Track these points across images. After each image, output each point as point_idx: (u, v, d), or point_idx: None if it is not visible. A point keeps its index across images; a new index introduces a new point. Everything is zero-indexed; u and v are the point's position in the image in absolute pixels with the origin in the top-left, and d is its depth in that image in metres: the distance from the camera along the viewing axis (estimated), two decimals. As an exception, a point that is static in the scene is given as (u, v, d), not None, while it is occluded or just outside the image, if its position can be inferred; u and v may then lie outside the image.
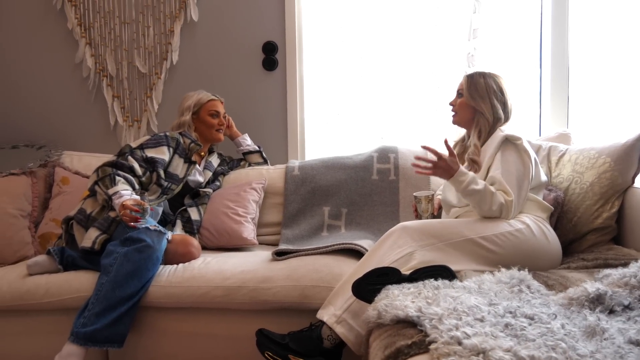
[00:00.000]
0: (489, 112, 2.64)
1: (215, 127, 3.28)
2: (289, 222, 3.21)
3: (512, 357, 1.42)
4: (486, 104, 2.65)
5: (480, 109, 2.66)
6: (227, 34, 3.63)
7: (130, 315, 2.55)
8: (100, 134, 3.74)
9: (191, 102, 3.27)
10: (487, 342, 1.50)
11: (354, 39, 3.64)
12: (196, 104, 3.27)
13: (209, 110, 3.27)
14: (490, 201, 2.43)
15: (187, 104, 3.27)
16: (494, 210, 2.44)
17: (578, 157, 2.86)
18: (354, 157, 3.35)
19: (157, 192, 3.01)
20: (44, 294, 2.66)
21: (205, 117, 3.27)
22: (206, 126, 3.27)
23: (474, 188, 2.44)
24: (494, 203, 2.43)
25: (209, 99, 3.30)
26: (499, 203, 2.43)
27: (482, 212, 2.46)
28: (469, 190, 2.45)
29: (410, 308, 1.79)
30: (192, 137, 3.20)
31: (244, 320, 2.62)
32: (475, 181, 2.45)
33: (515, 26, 3.51)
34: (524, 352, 1.44)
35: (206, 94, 3.31)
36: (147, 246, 2.59)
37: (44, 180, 3.37)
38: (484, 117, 2.65)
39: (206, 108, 3.27)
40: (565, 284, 2.11)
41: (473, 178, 2.46)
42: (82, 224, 2.86)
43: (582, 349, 1.48)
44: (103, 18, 3.66)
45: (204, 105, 3.28)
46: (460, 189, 2.47)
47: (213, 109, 3.28)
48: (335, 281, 2.51)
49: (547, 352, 1.45)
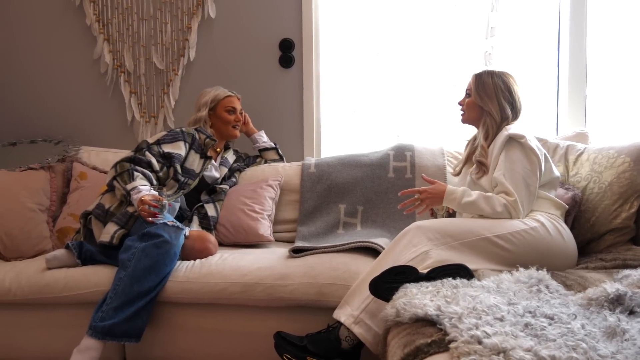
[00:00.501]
0: (496, 111, 2.63)
1: (231, 123, 3.29)
2: (305, 220, 3.21)
3: (532, 357, 1.42)
4: (493, 104, 2.64)
5: (488, 108, 2.65)
6: (244, 31, 3.64)
7: (148, 310, 2.56)
8: (117, 129, 3.75)
9: (208, 98, 3.28)
10: (507, 341, 1.50)
11: (370, 36, 3.64)
12: (213, 100, 3.28)
13: (226, 107, 3.28)
14: (491, 205, 2.44)
15: (204, 100, 3.28)
16: (499, 211, 2.44)
17: (597, 156, 2.84)
18: (370, 154, 3.34)
19: (174, 187, 3.02)
20: (62, 287, 2.68)
21: (222, 113, 3.28)
22: (222, 122, 3.28)
23: (467, 200, 2.46)
24: (496, 205, 2.43)
25: (226, 95, 3.31)
26: (502, 204, 2.43)
27: (490, 217, 2.46)
28: (464, 204, 2.48)
29: (429, 307, 1.78)
30: (207, 133, 3.21)
31: (261, 317, 2.62)
32: (467, 193, 2.48)
33: (533, 24, 3.49)
34: (545, 352, 1.43)
35: (223, 90, 3.32)
36: (165, 241, 2.59)
37: (62, 175, 3.39)
38: (491, 117, 2.64)
39: (223, 104, 3.28)
40: (584, 284, 2.10)
41: (463, 192, 2.49)
42: (100, 218, 2.88)
43: (603, 350, 1.47)
44: (121, 14, 3.67)
45: (221, 101, 3.29)
46: (455, 206, 2.51)
47: (230, 105, 3.29)
48: (352, 279, 2.50)
49: (568, 352, 1.45)
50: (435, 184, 2.57)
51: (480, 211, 2.47)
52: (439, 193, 2.53)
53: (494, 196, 2.47)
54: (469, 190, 2.52)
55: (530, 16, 3.48)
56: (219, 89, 3.33)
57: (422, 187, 2.60)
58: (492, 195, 2.47)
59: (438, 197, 2.53)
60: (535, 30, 3.50)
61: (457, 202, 2.50)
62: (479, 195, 2.48)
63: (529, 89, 2.66)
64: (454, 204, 2.53)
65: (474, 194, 2.49)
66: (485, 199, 2.47)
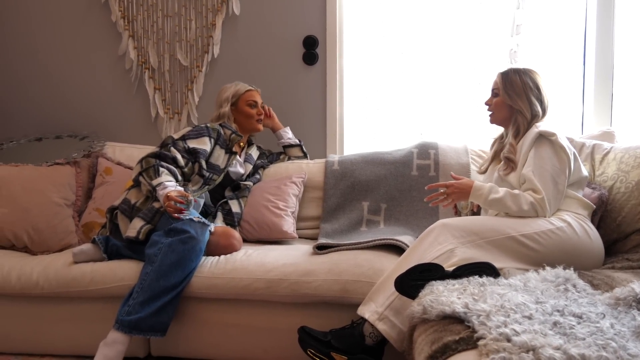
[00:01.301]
0: (527, 109, 2.61)
1: (254, 117, 3.29)
2: (328, 217, 3.21)
3: (562, 355, 1.42)
4: (523, 102, 2.62)
5: (518, 107, 2.63)
6: (268, 28, 3.65)
7: (174, 305, 2.58)
8: (142, 125, 3.77)
9: (229, 94, 3.28)
10: (536, 339, 1.50)
11: (394, 33, 3.62)
12: (234, 95, 3.28)
13: (247, 101, 3.29)
14: (518, 203, 2.43)
15: (225, 96, 3.28)
16: (526, 210, 2.43)
17: (624, 155, 2.82)
18: (394, 152, 3.34)
19: (199, 182, 3.03)
20: (89, 281, 2.71)
21: (244, 107, 3.28)
22: (245, 117, 3.28)
23: (494, 197, 2.46)
24: (523, 203, 2.42)
25: (247, 90, 3.31)
26: (529, 202, 2.42)
27: (516, 215, 2.45)
28: (490, 201, 2.47)
29: (456, 304, 1.78)
30: (232, 128, 3.21)
31: (285, 313, 2.63)
32: (495, 190, 2.47)
33: (559, 22, 3.46)
34: (574, 351, 1.43)
35: (243, 85, 3.32)
36: (190, 237, 2.60)
37: (87, 170, 3.42)
38: (522, 115, 2.62)
39: (244, 99, 3.29)
40: (611, 284, 2.08)
41: (491, 188, 2.48)
42: (126, 214, 2.90)
43: (633, 349, 1.46)
44: (146, 11, 3.69)
45: (242, 96, 3.29)
46: (482, 202, 2.51)
47: (251, 99, 3.29)
48: (376, 276, 2.50)
49: (598, 351, 1.44)
50: (462, 180, 2.57)
51: (507, 209, 2.46)
52: (466, 188, 2.53)
53: (522, 194, 2.45)
54: (496, 187, 2.51)
55: (556, 13, 3.45)
56: (239, 84, 3.33)
57: (449, 181, 2.59)
58: (520, 193, 2.46)
59: (465, 192, 2.53)
60: (561, 27, 3.46)
61: (484, 199, 2.50)
62: (506, 193, 2.47)
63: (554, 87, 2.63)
64: (480, 200, 2.52)
65: (501, 191, 2.48)
66: (513, 196, 2.46)
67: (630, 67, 3.40)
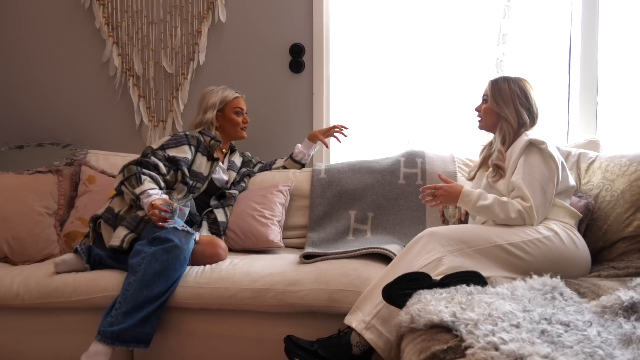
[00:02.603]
0: (513, 117, 2.63)
1: (240, 125, 3.26)
2: (315, 226, 3.20)
3: (549, 364, 1.41)
4: (510, 110, 2.64)
5: (504, 114, 2.65)
6: (255, 35, 3.64)
7: (157, 315, 2.54)
8: (126, 133, 3.75)
9: (216, 100, 3.22)
10: (524, 348, 1.49)
11: (381, 42, 3.63)
12: (222, 102, 3.24)
13: (235, 108, 3.25)
14: (506, 211, 2.43)
15: (212, 102, 3.22)
16: (513, 218, 2.43)
17: (609, 164, 2.84)
18: (381, 161, 3.34)
19: (184, 190, 3.01)
20: (71, 292, 2.67)
21: (231, 115, 3.24)
22: (231, 124, 3.25)
23: (482, 204, 2.46)
24: (511, 211, 2.43)
25: (235, 97, 3.27)
26: (516, 210, 2.43)
27: (502, 223, 2.46)
28: (478, 207, 2.48)
29: (444, 313, 1.77)
30: (211, 134, 3.17)
31: (272, 323, 2.61)
32: (484, 197, 2.48)
33: (544, 32, 3.49)
34: (562, 359, 1.43)
35: (230, 91, 3.28)
36: (175, 246, 2.58)
37: (69, 179, 3.39)
38: (507, 123, 2.64)
39: (231, 106, 3.25)
40: (598, 292, 2.10)
41: (479, 195, 2.49)
42: (110, 222, 2.86)
43: (619, 357, 1.47)
44: (131, 17, 3.68)
45: (230, 102, 3.25)
46: (470, 208, 2.51)
47: (238, 107, 3.26)
48: (363, 285, 2.49)
49: (585, 358, 1.45)
50: (452, 183, 2.58)
51: (494, 216, 2.47)
52: (455, 193, 2.54)
53: (510, 202, 2.46)
54: (485, 194, 2.51)
55: (541, 23, 3.48)
56: (226, 89, 3.28)
57: (440, 184, 2.59)
58: (508, 201, 2.46)
59: (453, 196, 2.54)
60: (546, 37, 3.49)
61: (472, 205, 2.50)
62: (494, 200, 2.47)
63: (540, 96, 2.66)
64: (468, 206, 2.52)
65: (489, 198, 2.48)
66: (501, 204, 2.46)
67: (614, 76, 3.42)
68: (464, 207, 2.56)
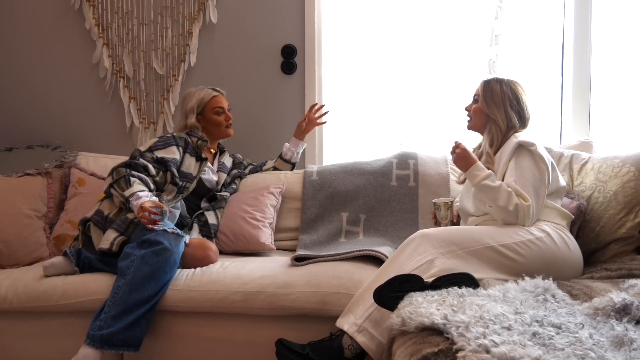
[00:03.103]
0: (502, 120, 2.63)
1: (223, 124, 3.22)
2: (307, 228, 3.18)
3: (541, 366, 1.40)
4: (500, 112, 2.63)
5: (494, 116, 2.64)
6: (246, 36, 3.62)
7: (147, 318, 2.53)
8: (116, 135, 3.73)
9: (194, 104, 3.18)
10: (515, 350, 1.49)
11: (374, 43, 3.62)
12: (199, 104, 3.19)
13: (214, 108, 3.20)
14: (506, 200, 2.42)
15: (190, 106, 3.18)
16: (510, 210, 2.42)
17: (601, 165, 2.84)
18: (373, 162, 3.33)
19: (173, 191, 2.99)
20: (60, 295, 2.65)
21: (211, 116, 3.20)
22: (213, 124, 3.21)
23: (487, 184, 2.46)
24: (510, 203, 2.42)
25: (212, 96, 3.22)
26: (514, 204, 2.42)
27: (498, 211, 2.46)
28: (482, 185, 2.47)
29: (435, 315, 1.77)
30: (198, 135, 3.15)
31: (263, 325, 2.60)
32: (492, 179, 2.48)
33: (537, 33, 3.48)
34: (554, 361, 1.42)
35: (207, 91, 3.22)
36: (164, 249, 2.57)
37: (59, 181, 3.37)
38: (496, 125, 2.64)
39: (210, 106, 3.19)
40: (590, 294, 2.10)
41: (489, 175, 2.49)
42: (99, 225, 2.85)
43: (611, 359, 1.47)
44: (121, 18, 3.66)
45: (208, 103, 3.20)
46: (474, 183, 2.50)
47: (217, 106, 3.21)
48: (355, 288, 2.49)
49: (576, 361, 1.44)
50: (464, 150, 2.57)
51: (493, 200, 2.45)
52: (470, 161, 2.54)
53: (514, 195, 2.44)
54: (494, 176, 2.51)
55: (534, 24, 3.48)
56: (202, 89, 3.23)
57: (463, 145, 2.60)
58: (512, 194, 2.44)
59: (467, 163, 2.55)
60: (539, 38, 3.49)
61: (478, 181, 2.49)
62: (500, 186, 2.46)
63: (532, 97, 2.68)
64: (474, 180, 2.51)
65: (497, 182, 2.47)
66: (505, 192, 2.44)
67: (607, 77, 3.42)
68: (469, 179, 2.55)
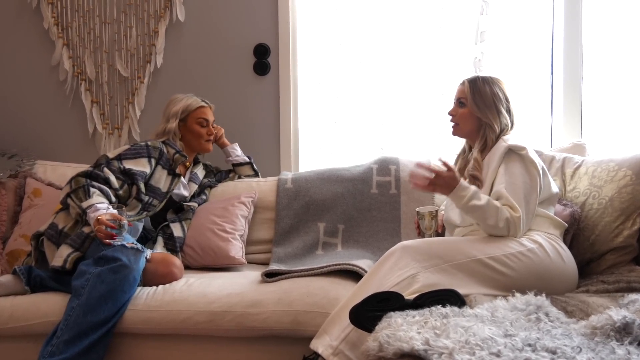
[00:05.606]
0: (497, 122, 2.52)
1: (204, 137, 3.14)
2: (281, 240, 3.10)
3: (534, 400, 1.31)
4: (493, 114, 2.53)
5: (487, 119, 2.53)
6: (216, 35, 3.54)
7: (104, 342, 2.46)
8: (78, 142, 3.63)
9: (178, 108, 3.11)
10: (504, 380, 1.41)
11: (352, 41, 3.56)
12: (184, 111, 3.11)
13: (198, 118, 3.12)
14: (495, 217, 2.32)
15: (174, 110, 3.11)
16: (500, 227, 2.33)
17: (596, 169, 2.77)
18: (352, 168, 3.26)
19: (137, 207, 2.89)
20: (8, 318, 2.55)
21: (193, 125, 3.11)
22: (194, 135, 3.12)
23: (475, 204, 2.34)
24: (500, 219, 2.32)
25: (198, 106, 3.15)
26: (504, 219, 2.32)
27: (487, 229, 2.37)
28: (469, 207, 2.36)
29: (416, 340, 1.67)
30: (176, 147, 3.05)
31: (231, 348, 2.53)
32: (478, 196, 2.36)
33: (525, 29, 3.43)
34: (548, 393, 1.33)
35: (196, 100, 3.16)
36: (122, 266, 2.48)
37: (13, 192, 3.25)
38: (490, 128, 2.54)
39: (194, 116, 3.12)
40: (586, 310, 2.05)
41: (475, 193, 2.37)
42: (53, 240, 2.73)
43: (614, 390, 1.39)
44: (82, 17, 3.56)
45: (193, 112, 3.12)
46: (461, 205, 2.39)
47: (202, 117, 3.13)
48: (330, 306, 2.41)
49: (574, 393, 1.36)
50: (451, 172, 2.40)
51: (483, 219, 2.34)
52: (452, 183, 2.37)
53: (501, 208, 2.33)
54: (479, 193, 2.37)
55: (522, 20, 3.43)
56: (191, 97, 3.17)
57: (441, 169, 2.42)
58: (501, 208, 2.33)
59: (450, 186, 2.37)
60: (527, 34, 3.43)
61: (464, 202, 2.35)
62: (488, 202, 2.34)
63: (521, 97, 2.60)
64: (459, 202, 2.37)
65: (483, 199, 2.35)
66: (493, 209, 2.32)
67: (600, 76, 3.37)
68: (455, 201, 2.41)
